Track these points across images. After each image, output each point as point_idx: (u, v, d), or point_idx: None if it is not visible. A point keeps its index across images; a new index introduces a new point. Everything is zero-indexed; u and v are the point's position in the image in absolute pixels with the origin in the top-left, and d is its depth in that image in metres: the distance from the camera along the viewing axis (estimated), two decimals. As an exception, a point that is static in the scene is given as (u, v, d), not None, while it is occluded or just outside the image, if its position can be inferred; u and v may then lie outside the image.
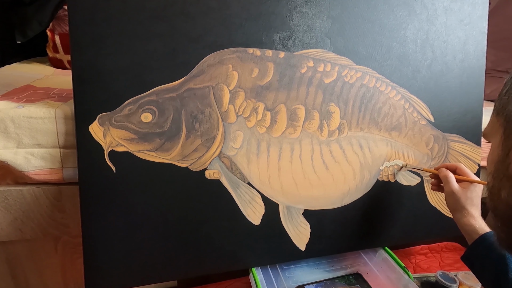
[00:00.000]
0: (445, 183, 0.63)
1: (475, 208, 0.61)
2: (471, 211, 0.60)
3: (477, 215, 0.60)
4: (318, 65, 0.68)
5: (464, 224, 0.60)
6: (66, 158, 0.63)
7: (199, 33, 0.60)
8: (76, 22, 0.55)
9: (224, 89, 0.63)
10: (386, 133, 0.75)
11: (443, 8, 0.76)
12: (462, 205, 0.60)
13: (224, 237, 0.66)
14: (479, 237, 0.57)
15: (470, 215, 0.59)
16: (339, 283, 0.70)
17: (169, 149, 0.61)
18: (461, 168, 0.65)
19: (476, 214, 0.60)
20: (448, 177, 0.63)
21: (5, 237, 0.66)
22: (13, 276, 0.72)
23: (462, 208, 0.60)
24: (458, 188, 0.62)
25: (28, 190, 0.64)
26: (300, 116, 0.67)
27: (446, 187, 0.63)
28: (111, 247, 0.61)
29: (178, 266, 0.65)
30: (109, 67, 0.57)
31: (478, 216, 0.60)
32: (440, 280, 0.77)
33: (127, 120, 0.59)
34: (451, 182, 0.63)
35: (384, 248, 0.80)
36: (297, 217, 0.71)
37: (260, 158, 0.66)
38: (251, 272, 0.70)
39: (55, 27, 1.14)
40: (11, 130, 0.60)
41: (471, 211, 0.60)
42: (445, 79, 0.78)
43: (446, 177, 0.64)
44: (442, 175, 0.64)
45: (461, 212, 0.60)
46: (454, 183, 0.62)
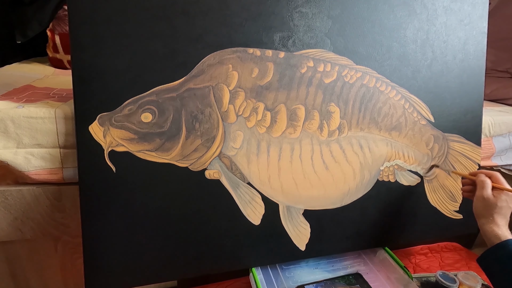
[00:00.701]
0: (480, 188, 0.64)
1: (502, 217, 0.60)
2: (497, 219, 0.60)
3: (502, 224, 0.60)
4: (318, 65, 0.68)
5: (486, 231, 0.60)
6: (66, 158, 0.63)
7: (199, 33, 0.60)
8: (76, 22, 0.55)
9: (224, 89, 0.63)
10: (386, 133, 0.75)
11: (443, 8, 0.76)
12: (490, 212, 0.60)
13: (224, 237, 0.66)
14: (501, 241, 0.57)
15: (495, 223, 0.60)
16: (339, 283, 0.70)
17: (169, 149, 0.61)
18: (496, 177, 0.65)
19: (501, 223, 0.60)
20: (485, 182, 0.63)
21: (5, 237, 0.66)
22: (13, 276, 0.73)
23: (488, 215, 0.60)
24: (490, 195, 0.62)
25: (28, 190, 0.64)
26: (300, 116, 0.67)
27: (479, 192, 0.63)
28: (111, 247, 0.61)
29: (178, 266, 0.65)
30: (109, 67, 0.57)
31: (503, 225, 0.60)
32: (440, 280, 0.77)
33: (127, 120, 0.59)
34: (486, 188, 0.63)
35: (384, 248, 0.80)
36: (297, 217, 0.71)
37: (260, 158, 0.66)
38: (251, 272, 0.70)
39: (55, 27, 1.14)
40: (11, 130, 0.60)
41: (496, 219, 0.60)
42: (445, 79, 0.78)
43: (483, 182, 0.64)
44: (480, 180, 0.65)
45: (486, 218, 0.61)
46: (489, 189, 0.63)
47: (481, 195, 0.62)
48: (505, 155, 0.95)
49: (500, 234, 0.58)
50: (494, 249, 0.57)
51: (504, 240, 0.57)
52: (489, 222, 0.60)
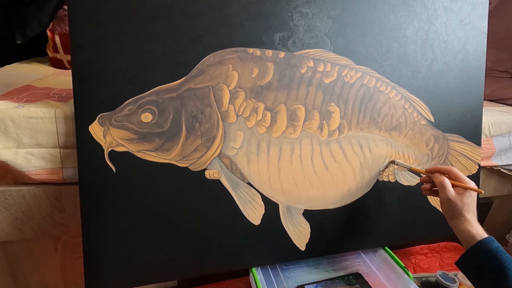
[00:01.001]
0: (441, 190, 0.62)
1: (471, 213, 0.60)
2: (468, 217, 0.59)
3: (473, 221, 0.59)
4: (318, 65, 0.68)
5: (461, 231, 0.59)
6: (66, 158, 0.63)
7: (199, 33, 0.60)
8: (76, 22, 0.55)
9: (224, 89, 0.63)
10: (386, 133, 0.75)
11: (443, 8, 0.76)
12: (459, 211, 0.59)
13: (224, 237, 0.66)
14: (476, 243, 0.56)
15: (467, 222, 0.59)
16: (339, 283, 0.70)
17: (169, 149, 0.61)
18: (454, 172, 0.63)
19: (473, 220, 0.59)
20: (444, 183, 0.62)
21: (5, 237, 0.66)
22: (13, 276, 0.73)
23: (458, 215, 0.60)
24: (454, 195, 0.60)
25: (28, 190, 0.64)
26: (300, 116, 0.67)
27: (442, 194, 0.62)
28: (111, 247, 0.61)
29: (178, 266, 0.65)
30: (109, 67, 0.57)
31: (474, 221, 0.59)
32: (440, 280, 0.77)
33: (127, 120, 0.59)
34: (448, 188, 0.61)
35: (384, 248, 0.80)
36: (297, 217, 0.71)
37: (260, 158, 0.66)
38: (251, 272, 0.70)
39: (55, 27, 1.14)
40: (11, 130, 0.60)
41: (467, 217, 0.59)
42: (445, 79, 0.78)
43: (442, 182, 0.62)
44: (438, 181, 0.63)
45: (458, 219, 0.60)
46: (450, 189, 0.61)
47: (445, 197, 0.61)
48: (505, 155, 0.95)
49: (475, 233, 0.57)
50: (471, 252, 0.57)
51: (479, 240, 0.56)
52: (461, 222, 0.59)
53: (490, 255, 0.55)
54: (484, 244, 0.56)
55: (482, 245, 0.56)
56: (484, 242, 0.56)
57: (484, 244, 0.56)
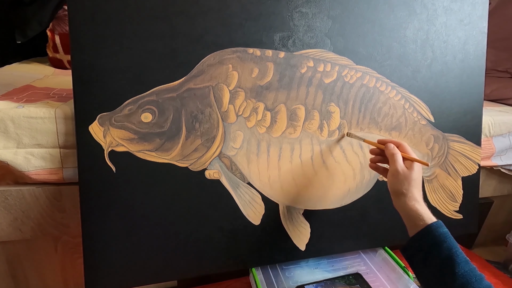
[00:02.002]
0: (392, 162, 0.58)
1: (417, 190, 0.56)
2: (415, 194, 0.55)
3: (420, 200, 0.56)
4: (318, 65, 0.68)
5: (410, 210, 0.55)
6: (66, 158, 0.63)
7: (199, 33, 0.60)
8: (76, 22, 0.55)
9: (224, 89, 0.63)
10: (386, 133, 0.75)
11: (443, 8, 0.76)
12: (407, 187, 0.55)
13: (224, 237, 0.66)
14: (425, 226, 0.52)
15: (415, 199, 0.55)
16: (339, 283, 0.70)
17: (169, 149, 0.61)
18: (404, 147, 0.60)
19: (420, 199, 0.56)
20: (396, 155, 0.58)
21: (5, 237, 0.66)
22: (13, 276, 0.73)
23: (406, 191, 0.55)
24: (404, 168, 0.57)
25: (28, 190, 0.64)
26: (300, 116, 0.67)
27: (392, 166, 0.58)
28: (111, 247, 0.61)
29: (178, 266, 0.65)
30: (109, 67, 0.57)
31: (421, 200, 0.56)
32: (440, 280, 0.77)
33: (127, 120, 0.59)
34: (398, 161, 0.57)
35: (384, 248, 0.80)
36: (297, 217, 0.71)
37: (260, 158, 0.66)
38: (251, 272, 0.70)
39: (55, 27, 1.14)
40: (11, 130, 0.60)
41: (415, 194, 0.55)
42: (445, 79, 0.78)
43: (394, 155, 0.58)
44: (390, 153, 0.59)
45: (405, 196, 0.55)
46: (401, 162, 0.57)
47: (395, 169, 0.56)
48: (505, 155, 0.95)
49: (423, 213, 0.53)
50: (418, 237, 0.53)
51: (428, 224, 0.52)
52: (409, 199, 0.55)
53: (440, 240, 0.51)
54: (434, 227, 0.52)
55: (432, 229, 0.52)
56: (435, 226, 0.52)
57: (435, 228, 0.52)
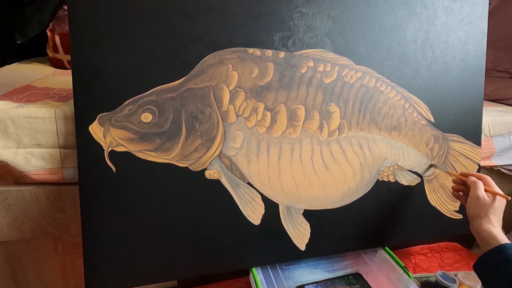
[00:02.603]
0: (473, 188, 0.63)
1: (496, 218, 0.60)
2: (493, 219, 0.59)
3: (497, 225, 0.59)
4: (318, 65, 0.68)
5: (483, 231, 0.58)
6: (66, 158, 0.63)
7: (199, 33, 0.60)
8: (76, 22, 0.55)
9: (224, 89, 0.63)
10: (386, 133, 0.75)
11: (443, 8, 0.76)
12: (485, 212, 0.59)
13: (224, 237, 0.66)
14: (499, 245, 0.55)
15: (491, 223, 0.58)
16: (339, 283, 0.70)
17: (169, 149, 0.61)
18: (487, 180, 0.65)
19: (497, 224, 0.59)
20: (477, 182, 0.63)
21: (5, 237, 0.66)
22: (13, 276, 0.72)
23: (484, 215, 0.59)
24: (485, 195, 0.61)
25: (28, 190, 0.64)
26: (300, 116, 0.67)
27: (473, 192, 0.62)
28: (111, 247, 0.61)
29: (178, 266, 0.65)
30: (109, 67, 0.57)
31: (498, 226, 0.59)
32: (440, 280, 0.77)
33: (127, 120, 0.59)
34: (480, 188, 0.62)
35: (384, 248, 0.80)
36: (297, 217, 0.71)
37: (260, 158, 0.66)
38: (251, 272, 0.69)
39: (55, 27, 1.14)
40: (11, 130, 0.60)
41: (492, 219, 0.59)
42: (445, 79, 0.78)
43: (475, 182, 0.63)
44: (472, 180, 0.64)
45: (482, 219, 0.59)
46: (482, 189, 0.62)
47: (475, 194, 0.62)
48: (505, 155, 0.95)
49: (497, 235, 0.56)
50: (492, 253, 0.55)
51: (502, 244, 0.55)
52: (485, 222, 0.59)
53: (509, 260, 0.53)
54: (509, 246, 0.54)
55: (505, 248, 0.54)
56: (509, 245, 0.54)
57: (509, 247, 0.54)
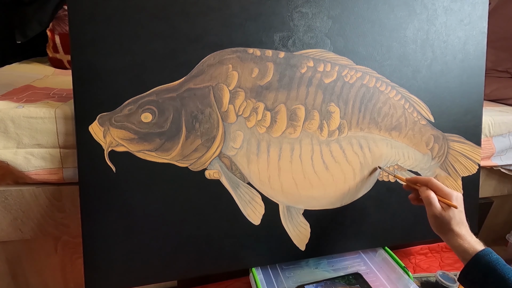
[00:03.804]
0: (428, 205, 0.60)
1: (460, 226, 0.58)
2: (457, 230, 0.57)
3: (464, 233, 0.57)
4: (318, 65, 0.68)
5: (453, 246, 0.57)
6: (66, 158, 0.63)
7: (199, 33, 0.60)
8: (76, 22, 0.55)
9: (224, 89, 0.63)
10: (386, 133, 0.75)
11: (443, 8, 0.76)
12: (447, 226, 0.58)
13: (224, 237, 0.66)
14: (472, 258, 0.54)
15: (458, 235, 0.57)
16: (339, 283, 0.70)
17: (169, 149, 0.61)
18: (433, 183, 0.61)
19: (463, 232, 0.57)
20: (430, 198, 0.59)
21: (5, 237, 0.66)
22: (13, 276, 0.72)
23: (448, 230, 0.58)
24: (440, 210, 0.58)
25: (28, 190, 0.64)
26: (300, 116, 0.67)
27: (428, 210, 0.60)
28: (111, 247, 0.61)
29: (178, 266, 0.65)
30: (109, 67, 0.57)
31: (465, 234, 0.57)
32: (440, 280, 0.77)
33: (127, 120, 0.59)
34: (434, 204, 0.59)
35: (384, 248, 0.80)
36: (297, 217, 0.71)
37: (260, 158, 0.66)
38: (251, 272, 0.70)
39: (55, 27, 1.14)
40: (11, 130, 0.60)
41: (457, 230, 0.57)
42: (445, 79, 0.78)
43: (428, 198, 0.60)
44: (424, 196, 0.60)
45: (448, 234, 0.58)
46: (436, 205, 0.59)
47: (432, 213, 0.59)
48: (505, 155, 0.95)
49: (467, 247, 0.55)
50: (468, 269, 0.55)
51: (473, 256, 0.54)
52: (452, 237, 0.58)
53: (490, 268, 0.53)
54: (480, 257, 0.54)
55: (478, 259, 0.54)
56: (481, 255, 0.54)
57: (481, 257, 0.54)
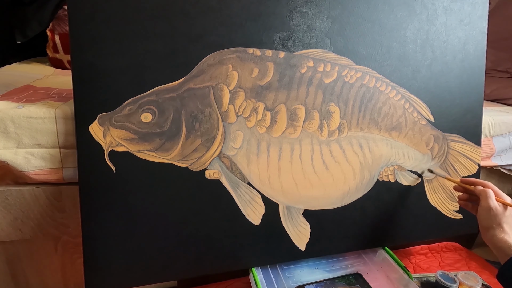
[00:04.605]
0: (484, 198, 0.61)
1: (509, 226, 0.59)
2: (506, 228, 0.58)
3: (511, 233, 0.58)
4: (318, 65, 0.68)
5: (499, 241, 0.57)
6: (66, 158, 0.63)
7: (199, 33, 0.60)
8: (76, 22, 0.55)
9: (224, 89, 0.63)
10: (386, 133, 0.75)
11: (443, 8, 0.76)
12: (499, 222, 0.58)
13: (224, 237, 0.66)
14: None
15: (505, 233, 0.58)
16: (339, 283, 0.70)
17: (169, 149, 0.61)
18: (493, 187, 0.63)
19: (511, 232, 0.58)
20: (488, 192, 0.61)
21: (5, 237, 0.66)
22: (13, 276, 0.72)
23: (498, 225, 0.58)
24: (497, 205, 0.59)
25: (28, 190, 0.64)
26: (300, 116, 0.67)
27: (483, 202, 0.61)
28: (111, 247, 0.61)
29: (178, 266, 0.65)
30: (109, 67, 0.57)
31: None
32: (440, 280, 0.77)
33: (127, 120, 0.59)
34: (491, 197, 0.60)
35: (384, 248, 0.80)
36: (297, 217, 0.71)
37: (260, 158, 0.66)
38: (251, 272, 0.70)
39: (55, 27, 1.14)
40: (11, 130, 0.60)
41: (506, 228, 0.58)
42: (445, 79, 0.78)
43: (486, 192, 0.61)
44: (481, 190, 0.62)
45: (495, 229, 0.58)
46: (494, 199, 0.60)
47: (487, 205, 0.60)
48: (505, 155, 0.95)
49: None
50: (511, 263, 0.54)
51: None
52: (499, 232, 0.58)
53: None
54: None
55: None
56: None
57: None
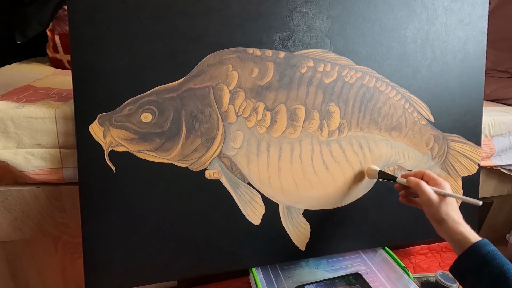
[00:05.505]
0: (420, 193, 0.57)
1: (457, 213, 0.56)
2: (456, 217, 0.55)
3: (462, 222, 0.55)
4: (318, 65, 0.68)
5: (454, 233, 0.54)
6: (66, 158, 0.63)
7: (199, 33, 0.60)
8: (76, 22, 0.55)
9: (224, 89, 0.63)
10: (386, 133, 0.75)
11: (443, 8, 0.76)
12: (445, 212, 0.55)
13: (224, 237, 0.66)
14: (471, 245, 0.52)
15: (457, 222, 0.55)
16: (339, 283, 0.70)
17: (169, 149, 0.61)
18: (428, 174, 0.60)
19: (461, 221, 0.55)
20: (421, 185, 0.57)
21: (5, 237, 0.66)
22: (13, 276, 0.73)
23: (447, 216, 0.55)
24: (435, 197, 0.56)
25: (28, 190, 0.64)
26: (300, 116, 0.67)
27: (422, 197, 0.57)
28: (111, 247, 0.61)
29: (178, 266, 0.65)
30: (109, 67, 0.57)
31: (463, 222, 0.56)
32: (440, 280, 0.77)
33: (127, 120, 0.59)
34: (427, 190, 0.57)
35: (384, 248, 0.80)
36: (297, 217, 0.71)
37: (260, 158, 0.66)
38: (251, 272, 0.70)
39: (55, 27, 1.14)
40: (11, 130, 0.60)
41: (455, 217, 0.55)
42: (445, 79, 0.78)
43: (418, 185, 0.57)
44: (413, 184, 0.58)
45: (447, 221, 0.55)
46: (429, 190, 0.57)
47: (427, 199, 0.56)
48: (505, 155, 0.95)
49: (468, 235, 0.53)
50: (465, 256, 0.53)
51: (474, 243, 0.52)
52: (451, 224, 0.55)
53: (489, 258, 0.51)
54: (481, 246, 0.52)
55: (478, 247, 0.52)
56: (481, 244, 0.52)
57: (481, 246, 0.52)
